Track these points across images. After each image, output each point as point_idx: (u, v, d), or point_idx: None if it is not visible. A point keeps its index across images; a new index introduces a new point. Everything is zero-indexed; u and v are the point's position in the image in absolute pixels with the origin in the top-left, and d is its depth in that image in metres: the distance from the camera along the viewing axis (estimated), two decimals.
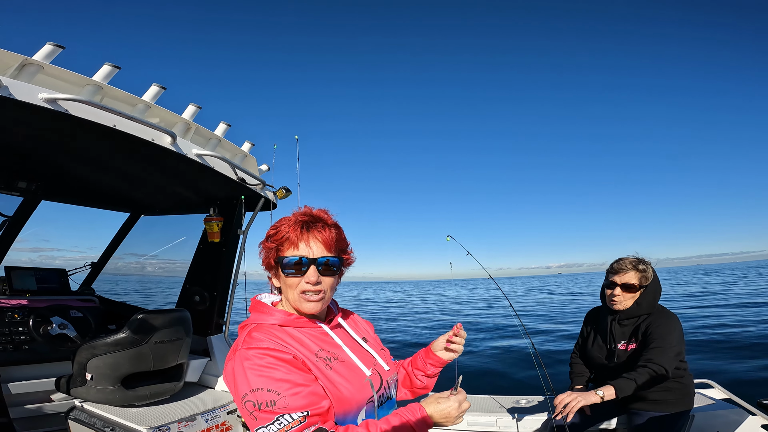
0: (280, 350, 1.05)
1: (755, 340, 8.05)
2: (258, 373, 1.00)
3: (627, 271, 2.24)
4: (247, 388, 0.99)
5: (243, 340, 1.08)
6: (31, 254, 3.39)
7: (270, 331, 1.11)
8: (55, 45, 1.86)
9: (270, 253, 1.17)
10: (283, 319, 1.15)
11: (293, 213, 1.22)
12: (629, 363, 2.21)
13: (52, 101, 1.78)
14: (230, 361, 1.06)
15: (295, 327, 1.16)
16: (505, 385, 6.61)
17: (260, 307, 1.21)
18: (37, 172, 2.71)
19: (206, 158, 2.46)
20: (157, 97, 2.31)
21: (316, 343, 1.15)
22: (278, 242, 1.16)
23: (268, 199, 3.08)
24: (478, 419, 2.59)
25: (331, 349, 1.17)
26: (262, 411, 0.97)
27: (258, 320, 1.16)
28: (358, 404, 1.12)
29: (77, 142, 2.21)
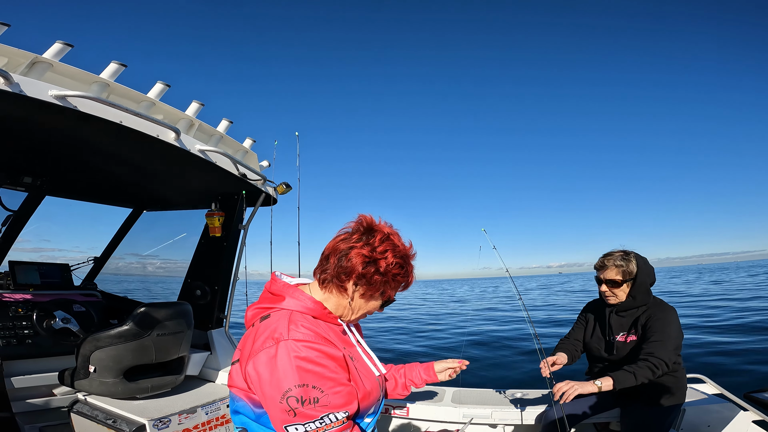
0: (330, 346, 1.07)
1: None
2: (306, 368, 1.00)
3: (607, 268, 2.35)
4: (293, 383, 0.98)
5: (288, 330, 1.06)
6: (33, 254, 3.50)
7: (310, 322, 1.12)
8: (64, 43, 1.96)
9: (390, 286, 1.20)
10: (318, 311, 1.18)
11: (412, 250, 1.25)
12: (628, 355, 2.29)
13: (61, 98, 1.86)
14: (268, 349, 1.03)
15: (325, 321, 1.19)
16: (506, 379, 6.72)
17: (293, 292, 1.19)
18: (43, 168, 2.81)
19: (209, 154, 2.55)
20: (162, 94, 2.42)
21: (340, 340, 1.20)
22: (405, 283, 1.24)
23: (268, 195, 3.18)
24: (474, 411, 2.67)
25: (349, 348, 1.22)
26: (305, 407, 0.98)
27: (292, 306, 1.16)
28: (375, 402, 1.20)
29: (84, 138, 2.30)
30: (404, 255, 1.21)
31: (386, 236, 1.20)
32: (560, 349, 2.58)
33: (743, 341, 8.16)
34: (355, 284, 1.18)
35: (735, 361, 6.73)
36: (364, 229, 1.21)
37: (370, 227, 1.21)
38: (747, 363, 6.60)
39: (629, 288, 2.32)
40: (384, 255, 1.16)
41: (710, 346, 7.86)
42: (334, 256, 1.18)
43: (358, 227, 1.21)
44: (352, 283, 1.18)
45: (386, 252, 1.16)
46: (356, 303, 1.21)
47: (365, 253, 1.15)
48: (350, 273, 1.16)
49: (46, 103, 1.82)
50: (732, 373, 6.11)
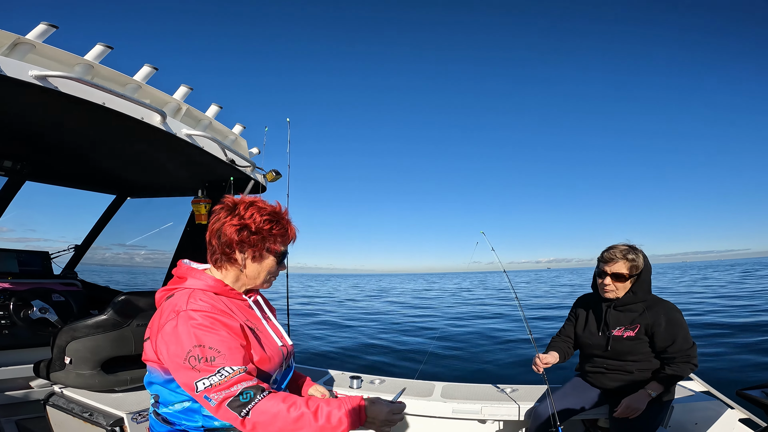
0: (227, 316, 1.26)
1: None
2: (203, 332, 1.17)
3: (617, 261, 2.30)
4: (192, 344, 1.15)
5: (187, 303, 1.24)
6: (18, 244, 3.43)
7: (210, 297, 1.29)
8: (49, 24, 1.92)
9: (269, 241, 1.36)
10: (219, 287, 1.35)
11: (282, 208, 1.44)
12: (623, 350, 2.31)
13: (42, 78, 1.83)
14: (171, 321, 1.20)
15: (228, 296, 1.37)
16: (496, 375, 6.81)
17: (195, 273, 1.38)
18: (24, 152, 2.75)
19: (196, 138, 2.52)
20: (149, 77, 2.37)
21: (242, 313, 1.37)
22: (285, 233, 1.40)
23: (257, 182, 3.15)
24: (463, 407, 2.69)
25: (253, 320, 1.39)
26: (204, 364, 1.13)
27: (193, 285, 1.33)
28: (276, 368, 1.37)
29: (66, 120, 2.26)
30: (271, 212, 1.38)
31: (249, 203, 1.37)
32: (552, 348, 2.60)
33: (731, 337, 8.36)
34: (241, 251, 1.35)
35: (723, 358, 6.89)
36: (229, 207, 1.37)
37: (234, 203, 1.38)
38: (734, 360, 6.76)
39: (630, 283, 2.32)
40: (252, 218, 1.34)
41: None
42: (213, 237, 1.37)
43: (223, 207, 1.38)
44: (238, 252, 1.34)
45: (252, 215, 1.34)
46: (250, 268, 1.38)
47: (234, 223, 1.33)
48: (231, 244, 1.33)
49: (26, 83, 1.79)
50: (719, 370, 6.25)
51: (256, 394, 1.13)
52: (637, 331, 2.29)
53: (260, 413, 1.12)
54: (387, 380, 3.10)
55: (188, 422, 1.28)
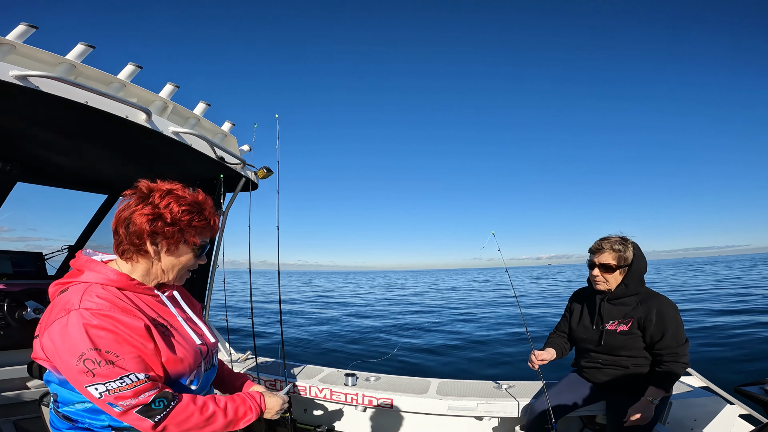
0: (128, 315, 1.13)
1: None
2: (98, 333, 1.06)
3: (604, 251, 2.30)
4: (86, 347, 1.04)
5: (81, 300, 1.11)
6: (18, 243, 3.46)
7: (111, 293, 1.16)
8: (29, 25, 1.93)
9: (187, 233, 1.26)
10: (123, 282, 1.21)
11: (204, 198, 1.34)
12: (616, 344, 2.29)
13: (22, 78, 1.83)
14: (60, 319, 1.08)
15: (135, 292, 1.24)
16: (492, 371, 6.82)
17: (94, 265, 1.23)
18: (13, 153, 2.76)
19: (183, 136, 2.52)
20: (133, 75, 2.37)
21: (153, 309, 1.25)
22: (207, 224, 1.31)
23: (248, 179, 3.15)
24: (459, 403, 2.69)
25: (166, 317, 1.27)
26: (103, 368, 1.05)
27: (91, 279, 1.19)
28: (191, 368, 1.27)
29: (50, 120, 2.26)
30: (191, 202, 1.28)
31: (166, 191, 1.26)
32: (550, 344, 2.59)
33: (730, 333, 8.31)
34: (154, 243, 1.23)
35: (722, 354, 6.86)
36: (142, 193, 1.25)
37: (149, 189, 1.26)
38: (735, 356, 6.72)
39: (622, 275, 2.30)
40: (168, 207, 1.23)
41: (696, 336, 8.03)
42: (121, 227, 1.23)
43: (135, 193, 1.25)
44: (149, 244, 1.22)
45: (169, 204, 1.23)
46: (165, 261, 1.27)
47: (147, 212, 1.21)
48: (141, 235, 1.21)
49: (7, 83, 1.80)
50: (719, 366, 6.21)
51: (170, 402, 1.12)
52: (630, 326, 2.26)
53: (173, 417, 1.12)
54: (382, 377, 3.11)
55: (93, 420, 1.19)
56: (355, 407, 2.90)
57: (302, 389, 2.96)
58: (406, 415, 2.88)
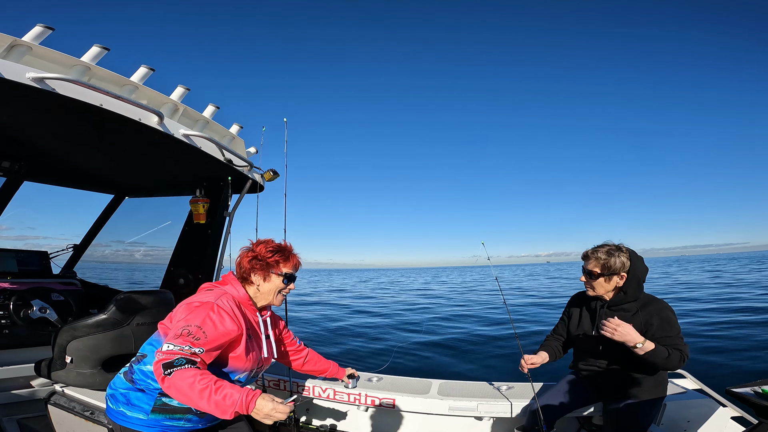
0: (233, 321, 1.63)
1: None
2: (210, 321, 1.55)
3: (590, 259, 2.38)
4: (196, 322, 1.53)
5: (218, 298, 1.66)
6: (17, 242, 3.49)
7: (234, 303, 1.72)
8: (45, 27, 1.96)
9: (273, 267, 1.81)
10: (244, 299, 1.81)
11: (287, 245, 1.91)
12: (614, 349, 2.31)
13: (39, 80, 1.86)
14: (198, 301, 1.64)
15: (246, 308, 1.80)
16: (489, 372, 6.87)
17: (235, 283, 1.82)
18: (22, 152, 2.79)
19: (193, 138, 2.56)
20: (146, 78, 2.41)
21: (250, 321, 1.80)
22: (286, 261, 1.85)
23: (255, 182, 3.19)
24: (459, 404, 2.74)
25: (254, 331, 1.82)
26: (186, 337, 1.47)
27: (230, 291, 1.77)
28: (247, 369, 1.75)
29: (63, 121, 2.30)
30: (276, 246, 1.86)
31: (262, 242, 1.87)
32: (544, 347, 2.64)
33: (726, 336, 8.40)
34: (254, 274, 1.81)
35: (717, 357, 6.94)
36: (247, 247, 1.89)
37: (253, 245, 1.89)
38: (728, 359, 6.81)
39: (609, 283, 2.35)
40: (259, 250, 1.83)
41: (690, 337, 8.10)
42: (238, 266, 1.87)
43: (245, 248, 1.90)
44: (253, 275, 1.81)
45: (260, 247, 1.84)
46: (263, 287, 1.82)
47: (250, 255, 1.84)
48: (247, 269, 1.82)
49: (23, 85, 1.83)
50: (712, 368, 6.30)
51: (185, 363, 1.40)
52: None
53: (176, 376, 1.37)
54: (384, 377, 3.15)
55: (150, 383, 1.64)
56: (358, 407, 2.94)
57: (306, 389, 3.01)
58: (408, 415, 2.93)
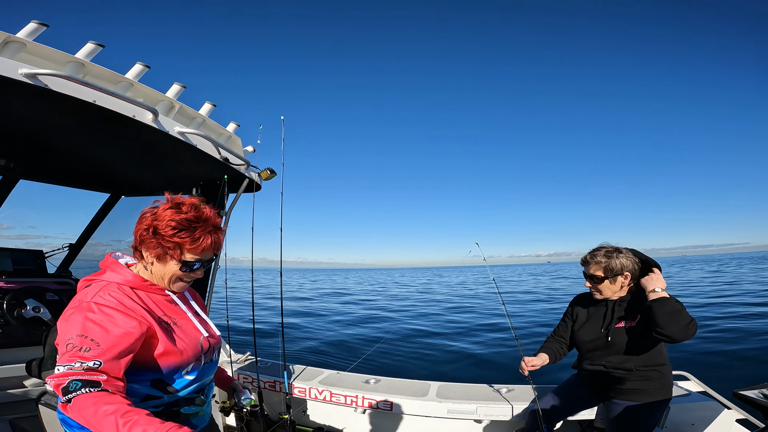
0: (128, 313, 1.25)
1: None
2: (93, 325, 1.18)
3: (590, 264, 2.37)
4: (76, 333, 1.17)
5: (95, 295, 1.26)
6: (18, 241, 3.47)
7: (123, 293, 1.31)
8: (39, 23, 1.95)
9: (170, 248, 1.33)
10: (135, 282, 1.36)
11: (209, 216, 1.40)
12: (624, 341, 2.29)
13: (32, 76, 1.85)
14: (71, 309, 1.24)
15: (145, 291, 1.38)
16: (488, 375, 6.85)
17: (115, 266, 1.39)
18: (16, 150, 2.77)
19: (189, 136, 2.54)
20: (141, 75, 2.39)
21: (161, 307, 1.39)
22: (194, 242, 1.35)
23: (252, 180, 3.17)
24: (458, 407, 2.72)
25: (173, 315, 1.41)
26: (73, 352, 1.14)
27: (111, 278, 1.35)
28: (189, 360, 1.38)
29: (57, 118, 2.28)
30: (183, 221, 1.33)
31: (174, 206, 1.36)
32: (544, 349, 2.60)
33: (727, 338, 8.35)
34: (145, 248, 1.35)
35: (719, 358, 6.90)
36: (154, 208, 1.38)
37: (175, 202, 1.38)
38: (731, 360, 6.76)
39: (614, 284, 2.33)
40: (162, 218, 1.32)
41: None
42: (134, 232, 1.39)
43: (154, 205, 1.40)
44: (144, 249, 1.35)
45: (166, 213, 1.33)
46: (156, 268, 1.38)
47: (146, 224, 1.34)
48: (137, 240, 1.36)
49: (16, 81, 1.81)
50: (715, 369, 6.25)
51: (81, 387, 1.13)
52: (638, 320, 2.26)
53: (76, 405, 1.12)
54: (382, 379, 3.13)
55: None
56: (355, 409, 2.92)
57: (302, 391, 2.98)
58: (406, 417, 2.90)
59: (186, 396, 1.39)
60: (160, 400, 1.32)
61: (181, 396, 1.37)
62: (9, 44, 1.87)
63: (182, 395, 1.37)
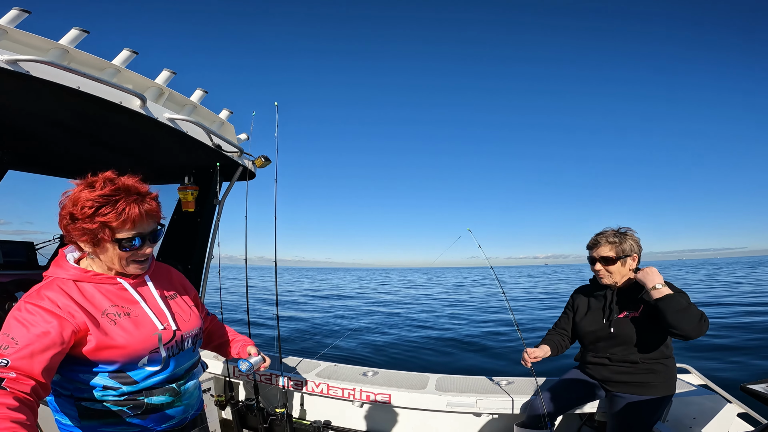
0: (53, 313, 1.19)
1: None
2: (17, 323, 1.15)
3: (600, 245, 2.33)
4: (3, 330, 1.14)
5: (32, 293, 1.23)
6: (15, 237, 3.41)
7: (61, 290, 1.25)
8: (21, 10, 1.91)
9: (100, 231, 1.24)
10: (78, 275, 1.30)
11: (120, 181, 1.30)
12: (626, 331, 2.26)
13: (12, 62, 1.81)
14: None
15: (92, 283, 1.31)
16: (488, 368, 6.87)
17: (61, 262, 1.33)
18: (2, 140, 2.70)
19: (179, 123, 2.48)
20: (128, 61, 2.33)
21: (110, 299, 1.32)
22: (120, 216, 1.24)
23: (246, 168, 3.10)
24: (458, 399, 2.68)
25: (124, 305, 1.33)
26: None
27: (54, 274, 1.29)
28: (138, 353, 1.30)
29: (41, 106, 2.22)
30: (98, 196, 1.24)
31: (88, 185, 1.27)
32: (546, 341, 2.56)
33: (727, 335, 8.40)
34: (79, 241, 1.27)
35: (720, 353, 6.92)
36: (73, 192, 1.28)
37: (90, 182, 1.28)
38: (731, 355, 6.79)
39: (624, 266, 2.30)
40: (76, 205, 1.24)
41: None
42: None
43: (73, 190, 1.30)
44: (80, 242, 1.28)
45: (83, 194, 1.24)
46: (101, 256, 1.30)
47: (63, 213, 1.26)
48: (65, 233, 1.27)
49: None
50: (716, 364, 6.27)
51: None
52: (641, 310, 2.23)
53: None
54: (380, 372, 3.10)
55: (57, 388, 1.33)
56: (353, 402, 2.88)
57: (298, 384, 2.94)
58: (405, 411, 2.88)
59: (151, 386, 1.35)
60: (118, 391, 1.30)
61: (143, 386, 1.34)
62: None
63: (145, 386, 1.34)
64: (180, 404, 1.44)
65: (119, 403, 1.30)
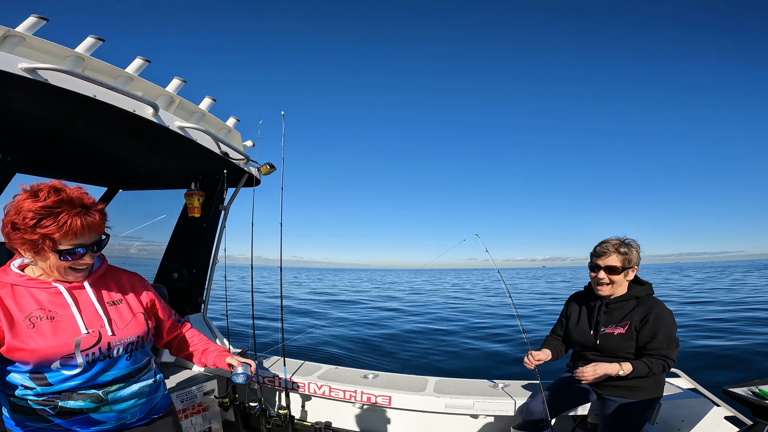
0: None
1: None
2: None
3: (609, 254, 2.33)
4: None
5: None
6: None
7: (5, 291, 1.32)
8: (39, 17, 1.93)
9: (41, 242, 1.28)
10: (14, 279, 1.36)
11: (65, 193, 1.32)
12: (612, 346, 2.34)
13: (31, 71, 1.84)
14: None
15: (26, 287, 1.36)
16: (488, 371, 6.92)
17: (5, 267, 1.40)
18: (13, 144, 2.74)
19: (189, 131, 2.54)
20: (141, 69, 2.38)
21: (39, 302, 1.36)
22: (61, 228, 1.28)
23: (251, 175, 3.17)
24: (456, 402, 2.75)
25: (52, 308, 1.37)
26: None
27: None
28: (47, 358, 1.32)
29: (56, 112, 2.26)
30: (41, 208, 1.27)
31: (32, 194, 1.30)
32: (546, 345, 2.65)
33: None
34: (20, 248, 1.31)
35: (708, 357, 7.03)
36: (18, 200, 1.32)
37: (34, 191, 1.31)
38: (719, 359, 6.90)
39: (626, 277, 2.36)
40: (18, 214, 1.27)
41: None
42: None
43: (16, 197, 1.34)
44: (20, 249, 1.32)
45: (26, 204, 1.27)
46: (40, 263, 1.35)
47: (5, 220, 1.29)
48: (6, 240, 1.31)
49: (15, 75, 1.80)
50: (705, 368, 6.37)
51: None
52: (627, 328, 2.32)
53: None
54: (380, 374, 3.15)
55: None
56: (353, 404, 2.94)
57: (301, 386, 3.00)
58: (404, 412, 2.93)
59: (67, 389, 1.37)
60: (33, 391, 1.34)
61: (60, 389, 1.36)
62: (8, 38, 1.86)
63: (60, 389, 1.36)
64: (110, 411, 1.44)
65: (38, 403, 1.34)
